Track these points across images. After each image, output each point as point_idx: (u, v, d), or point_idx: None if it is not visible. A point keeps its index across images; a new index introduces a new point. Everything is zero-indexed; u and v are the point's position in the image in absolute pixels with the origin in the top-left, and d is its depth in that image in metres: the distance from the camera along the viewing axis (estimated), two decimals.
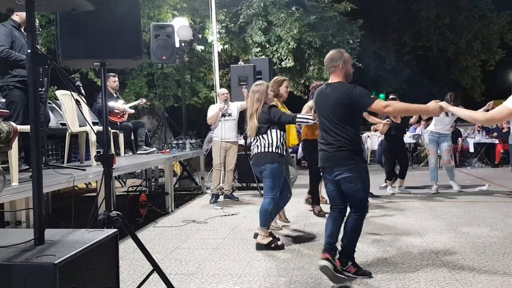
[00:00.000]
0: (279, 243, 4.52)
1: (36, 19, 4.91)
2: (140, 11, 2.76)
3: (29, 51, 1.87)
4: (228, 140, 7.25)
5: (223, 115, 7.20)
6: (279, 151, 4.48)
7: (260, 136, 4.51)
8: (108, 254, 2.22)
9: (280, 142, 4.48)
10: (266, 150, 4.46)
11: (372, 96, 3.71)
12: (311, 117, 4.44)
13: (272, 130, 4.48)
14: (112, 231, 2.30)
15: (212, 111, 7.26)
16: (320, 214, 5.95)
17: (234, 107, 7.31)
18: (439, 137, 7.79)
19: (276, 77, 5.76)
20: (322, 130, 3.69)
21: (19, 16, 4.63)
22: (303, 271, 3.79)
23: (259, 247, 4.48)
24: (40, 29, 4.94)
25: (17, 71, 4.65)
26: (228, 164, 7.36)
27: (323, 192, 5.21)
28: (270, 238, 4.51)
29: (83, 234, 2.21)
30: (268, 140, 4.46)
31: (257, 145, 4.53)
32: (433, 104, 3.54)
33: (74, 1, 1.97)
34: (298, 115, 4.55)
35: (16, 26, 4.71)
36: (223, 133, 7.18)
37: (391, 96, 7.90)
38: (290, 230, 5.30)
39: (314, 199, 6.13)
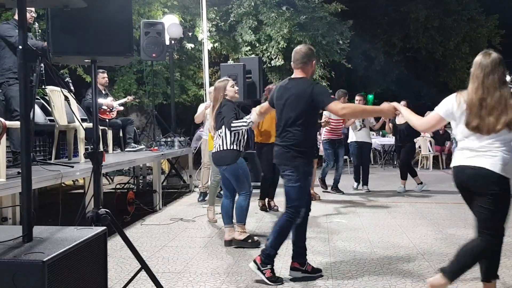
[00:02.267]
0: (256, 238, 4.56)
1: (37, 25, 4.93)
2: (132, 9, 2.74)
3: (20, 47, 1.85)
4: None
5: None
6: (235, 147, 4.39)
7: (218, 133, 4.49)
8: (97, 252, 2.22)
9: (235, 137, 4.37)
10: (222, 148, 4.42)
11: (332, 96, 3.73)
12: (245, 123, 4.22)
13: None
14: (101, 228, 2.29)
15: (200, 109, 7.21)
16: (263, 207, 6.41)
17: None
18: None
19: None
20: (277, 126, 3.67)
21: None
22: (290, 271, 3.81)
23: (236, 243, 4.52)
24: (36, 24, 4.93)
25: None
26: None
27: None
28: (247, 234, 4.56)
29: (72, 231, 2.20)
30: (222, 137, 4.41)
31: (215, 144, 4.52)
32: (387, 106, 3.56)
33: None
34: (233, 123, 4.26)
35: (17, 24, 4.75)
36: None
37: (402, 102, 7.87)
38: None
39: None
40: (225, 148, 4.39)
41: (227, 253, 4.34)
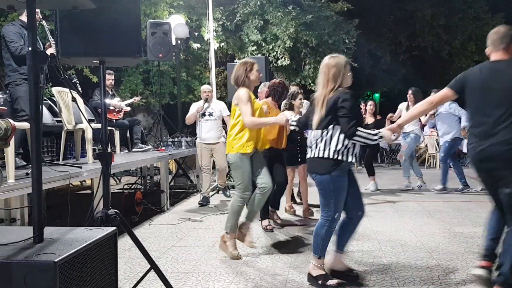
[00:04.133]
0: (333, 283, 3.38)
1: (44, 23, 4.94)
2: (140, 9, 2.75)
3: (29, 48, 1.86)
4: (207, 142, 6.94)
5: (203, 115, 6.91)
6: (339, 157, 3.27)
7: (321, 132, 3.36)
8: (107, 252, 2.23)
9: (342, 145, 3.27)
10: (321, 155, 3.32)
11: None
12: (372, 137, 3.27)
13: (337, 126, 3.29)
14: (111, 229, 2.30)
15: (190, 110, 7.05)
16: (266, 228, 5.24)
17: (217, 106, 7.00)
18: (403, 136, 8.05)
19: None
20: (485, 115, 3.07)
21: (27, 16, 4.66)
22: (299, 269, 3.80)
23: (309, 278, 3.49)
24: (44, 22, 4.95)
25: (25, 68, 4.71)
26: (218, 164, 7.14)
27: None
28: (322, 272, 3.43)
29: (82, 232, 2.21)
30: (326, 140, 3.31)
31: (313, 146, 3.42)
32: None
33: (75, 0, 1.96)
34: (359, 131, 3.20)
35: (25, 26, 4.77)
36: (201, 133, 6.95)
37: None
38: (285, 230, 5.31)
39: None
40: (325, 156, 3.30)
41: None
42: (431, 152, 12.21)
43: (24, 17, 4.86)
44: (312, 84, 12.25)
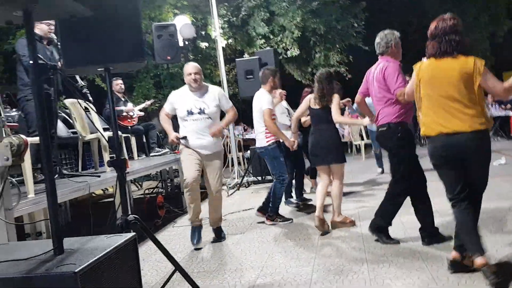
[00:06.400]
0: None
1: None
2: (141, 14, 2.73)
3: (30, 62, 1.86)
4: (200, 151, 4.55)
5: (189, 113, 4.52)
6: None
7: None
8: (128, 258, 2.22)
9: None
10: None
11: None
12: None
13: None
14: (130, 235, 2.30)
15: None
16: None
17: (210, 98, 4.59)
18: None
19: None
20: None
21: (39, 29, 4.63)
22: (325, 259, 3.77)
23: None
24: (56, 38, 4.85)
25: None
26: (210, 186, 4.66)
27: None
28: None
29: (102, 240, 2.21)
30: None
31: None
32: None
33: (71, 8, 1.95)
34: None
35: (38, 39, 4.71)
36: (189, 137, 4.57)
37: None
38: (308, 218, 5.28)
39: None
40: None
41: (259, 248, 4.33)
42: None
43: (36, 30, 4.77)
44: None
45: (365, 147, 11.73)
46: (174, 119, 4.76)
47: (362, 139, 11.73)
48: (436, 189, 3.76)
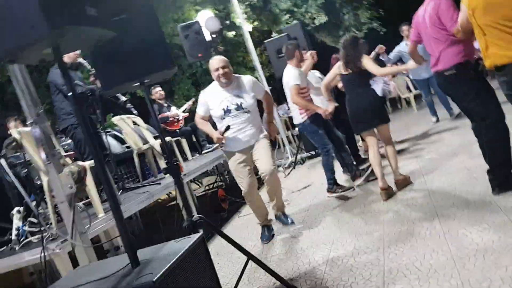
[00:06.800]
0: None
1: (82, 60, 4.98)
2: (159, 23, 2.79)
3: (69, 94, 1.95)
4: (245, 147, 4.24)
5: (226, 111, 4.17)
6: None
7: None
8: (200, 258, 2.31)
9: None
10: None
11: None
12: None
13: None
14: (198, 235, 2.38)
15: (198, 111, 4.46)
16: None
17: (245, 90, 4.23)
18: None
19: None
20: None
21: (68, 57, 4.66)
22: (394, 221, 3.73)
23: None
24: (81, 60, 4.91)
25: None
26: (262, 168, 4.18)
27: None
28: None
29: (172, 245, 2.31)
30: None
31: None
32: None
33: (95, 35, 2.03)
34: None
35: (69, 66, 4.82)
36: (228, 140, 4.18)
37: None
38: (370, 183, 5.23)
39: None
40: None
41: (326, 222, 4.35)
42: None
43: (65, 58, 4.81)
44: (357, 32, 11.83)
45: (415, 98, 11.40)
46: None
47: (410, 91, 11.40)
48: None
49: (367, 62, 4.50)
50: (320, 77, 6.20)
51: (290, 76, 5.08)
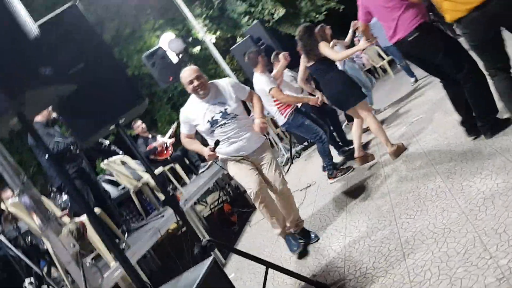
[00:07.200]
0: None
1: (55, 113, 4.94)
2: (120, 63, 2.78)
3: (46, 156, 1.93)
4: (243, 153, 3.81)
5: (212, 123, 3.75)
6: None
7: None
8: (217, 280, 2.30)
9: None
10: None
11: None
12: None
13: None
14: (209, 259, 2.37)
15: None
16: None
17: (227, 93, 3.87)
18: None
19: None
20: None
21: (42, 116, 4.61)
22: (399, 190, 3.73)
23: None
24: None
25: (69, 165, 4.75)
26: (272, 183, 3.79)
27: None
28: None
29: (188, 276, 2.30)
30: None
31: None
32: None
33: (57, 92, 2.01)
34: None
35: (44, 124, 4.77)
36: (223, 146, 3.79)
37: None
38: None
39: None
40: None
41: (335, 209, 4.34)
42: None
43: (38, 117, 4.62)
44: (317, 16, 11.87)
45: (389, 64, 11.45)
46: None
47: (383, 58, 11.44)
48: None
49: (324, 49, 4.55)
50: (292, 75, 6.21)
51: (262, 83, 5.13)
